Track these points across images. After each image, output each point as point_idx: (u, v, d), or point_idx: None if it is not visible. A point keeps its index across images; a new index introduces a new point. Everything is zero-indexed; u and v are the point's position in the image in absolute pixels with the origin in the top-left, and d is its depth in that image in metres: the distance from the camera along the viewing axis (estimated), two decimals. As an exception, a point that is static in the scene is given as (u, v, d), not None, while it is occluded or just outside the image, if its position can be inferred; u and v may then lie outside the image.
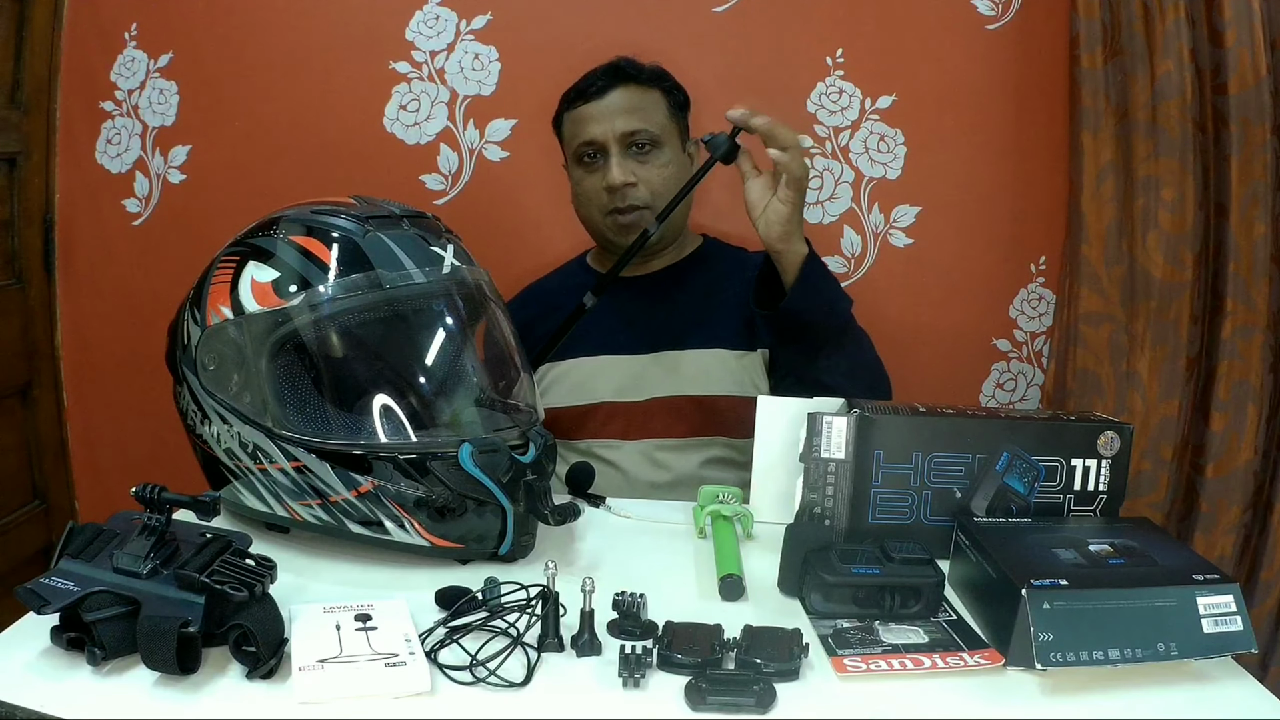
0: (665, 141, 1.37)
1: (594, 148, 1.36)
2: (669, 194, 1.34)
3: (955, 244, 1.72)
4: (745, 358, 1.35)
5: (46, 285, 1.74)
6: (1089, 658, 0.75)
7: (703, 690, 0.71)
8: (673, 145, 1.39)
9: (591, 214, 1.39)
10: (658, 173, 1.36)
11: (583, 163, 1.38)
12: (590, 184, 1.37)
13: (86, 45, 1.70)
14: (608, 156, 1.35)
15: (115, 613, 0.71)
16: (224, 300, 0.93)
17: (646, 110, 1.36)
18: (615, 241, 1.37)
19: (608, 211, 1.36)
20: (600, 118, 1.35)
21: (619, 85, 1.36)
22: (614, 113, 1.34)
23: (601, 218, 1.38)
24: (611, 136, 1.34)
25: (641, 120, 1.35)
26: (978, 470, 0.97)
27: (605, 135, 1.34)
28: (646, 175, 1.35)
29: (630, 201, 1.34)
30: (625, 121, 1.34)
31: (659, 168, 1.36)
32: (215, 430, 0.95)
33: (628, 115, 1.34)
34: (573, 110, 1.38)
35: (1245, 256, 1.53)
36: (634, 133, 1.34)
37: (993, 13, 1.65)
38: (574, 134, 1.38)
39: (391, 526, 0.91)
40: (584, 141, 1.36)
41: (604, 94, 1.36)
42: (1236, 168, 1.51)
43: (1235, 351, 1.55)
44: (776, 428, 1.06)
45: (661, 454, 1.33)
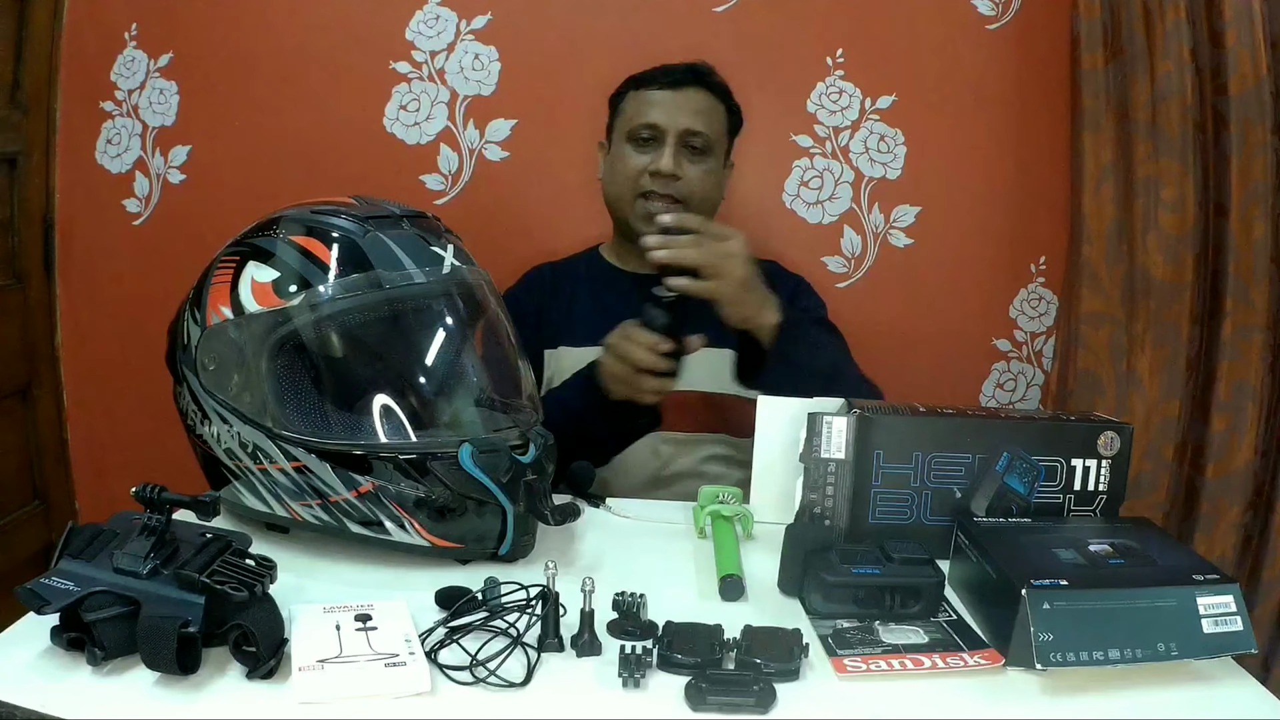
0: (715, 151, 1.41)
1: (654, 131, 1.38)
2: (704, 199, 1.40)
3: (955, 244, 1.72)
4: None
5: (46, 285, 1.74)
6: (1089, 658, 0.75)
7: (703, 690, 0.71)
8: (718, 157, 1.42)
9: (623, 193, 1.40)
10: (701, 177, 1.39)
11: (636, 141, 1.39)
12: (635, 163, 1.39)
13: (86, 45, 1.70)
14: (663, 144, 1.37)
15: (115, 613, 0.71)
16: (224, 300, 0.93)
17: (711, 116, 1.40)
18: (637, 228, 1.38)
19: (642, 193, 1.38)
20: (670, 106, 1.37)
21: (695, 85, 1.39)
22: (683, 107, 1.38)
23: (633, 199, 1.39)
24: (674, 127, 1.37)
25: (705, 124, 1.38)
26: (978, 470, 0.97)
27: (669, 124, 1.37)
28: (691, 174, 1.38)
29: (669, 191, 1.37)
30: (691, 119, 1.37)
31: (704, 172, 1.39)
32: (215, 430, 0.95)
33: (695, 114, 1.38)
34: (643, 91, 1.41)
35: (1245, 257, 1.53)
36: (696, 133, 1.37)
37: (993, 13, 1.65)
38: (637, 112, 1.40)
39: (391, 526, 0.91)
40: (647, 123, 1.38)
41: (679, 87, 1.38)
42: (1236, 168, 1.51)
43: (1235, 352, 1.55)
44: (776, 428, 1.06)
45: (665, 447, 1.34)
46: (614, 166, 1.43)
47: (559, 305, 1.45)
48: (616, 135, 1.44)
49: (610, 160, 1.45)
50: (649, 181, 1.38)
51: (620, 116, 1.44)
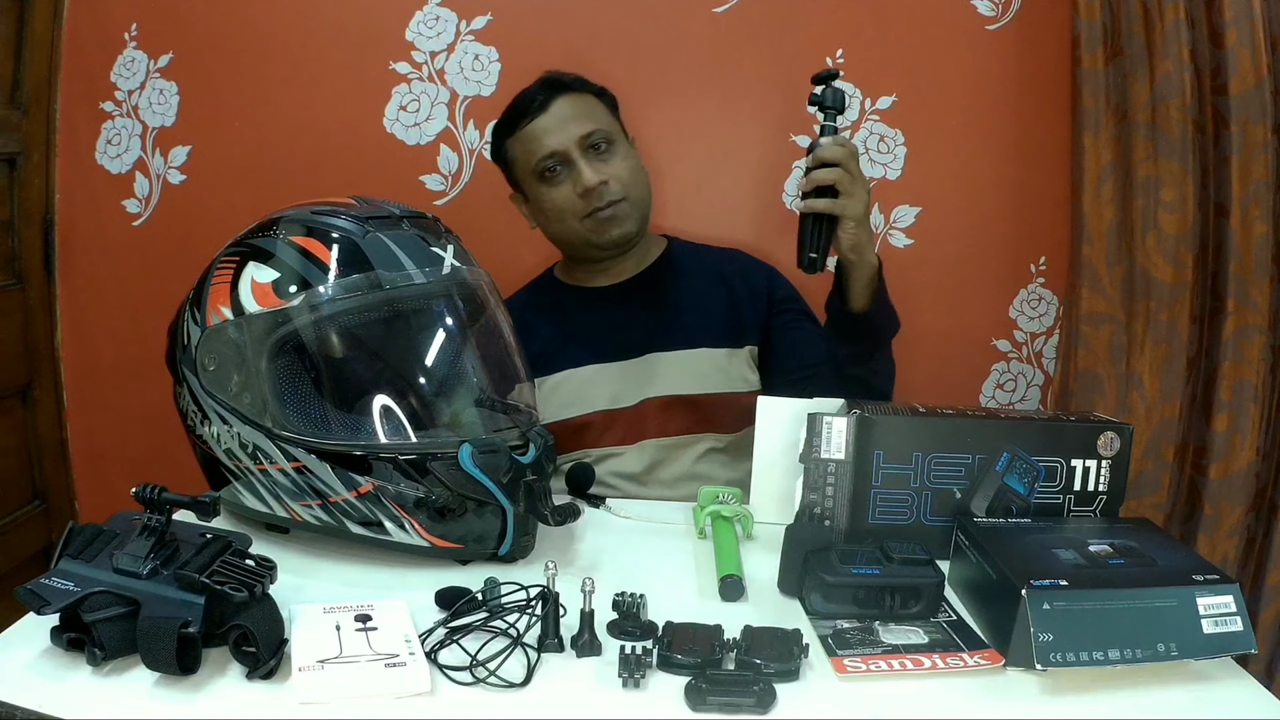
0: (616, 138, 1.38)
1: (556, 159, 1.35)
2: (637, 184, 1.38)
3: (955, 244, 1.72)
4: (734, 355, 1.37)
5: (46, 285, 1.74)
6: (1089, 658, 0.75)
7: (703, 690, 0.71)
8: (622, 140, 1.40)
9: (567, 225, 1.38)
10: (622, 166, 1.37)
11: (545, 178, 1.37)
12: (560, 195, 1.36)
13: (86, 45, 1.70)
14: (572, 164, 1.34)
15: (115, 613, 0.71)
16: (224, 301, 0.93)
17: (591, 113, 1.37)
18: (595, 245, 1.38)
19: (585, 215, 1.35)
20: (554, 129, 1.34)
21: (558, 96, 1.36)
22: (565, 121, 1.35)
23: (579, 224, 1.36)
24: (571, 143, 1.34)
25: (592, 122, 1.35)
26: (978, 470, 0.97)
27: (565, 144, 1.34)
28: (614, 171, 1.36)
29: (608, 198, 1.35)
30: (579, 126, 1.34)
31: (621, 160, 1.37)
32: (215, 431, 0.95)
33: (580, 121, 1.35)
34: (519, 132, 1.38)
35: (1246, 257, 1.53)
36: (590, 134, 1.34)
37: (993, 13, 1.65)
38: (530, 152, 1.36)
39: (391, 527, 0.91)
40: (544, 155, 1.35)
41: (547, 107, 1.35)
42: (1237, 168, 1.51)
43: (1237, 352, 1.55)
44: (776, 428, 1.06)
45: (659, 452, 1.34)
46: (543, 209, 1.39)
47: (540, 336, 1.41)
48: (525, 182, 1.41)
49: (534, 206, 1.42)
50: (583, 204, 1.35)
51: (515, 165, 1.41)
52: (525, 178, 1.40)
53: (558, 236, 1.42)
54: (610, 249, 1.39)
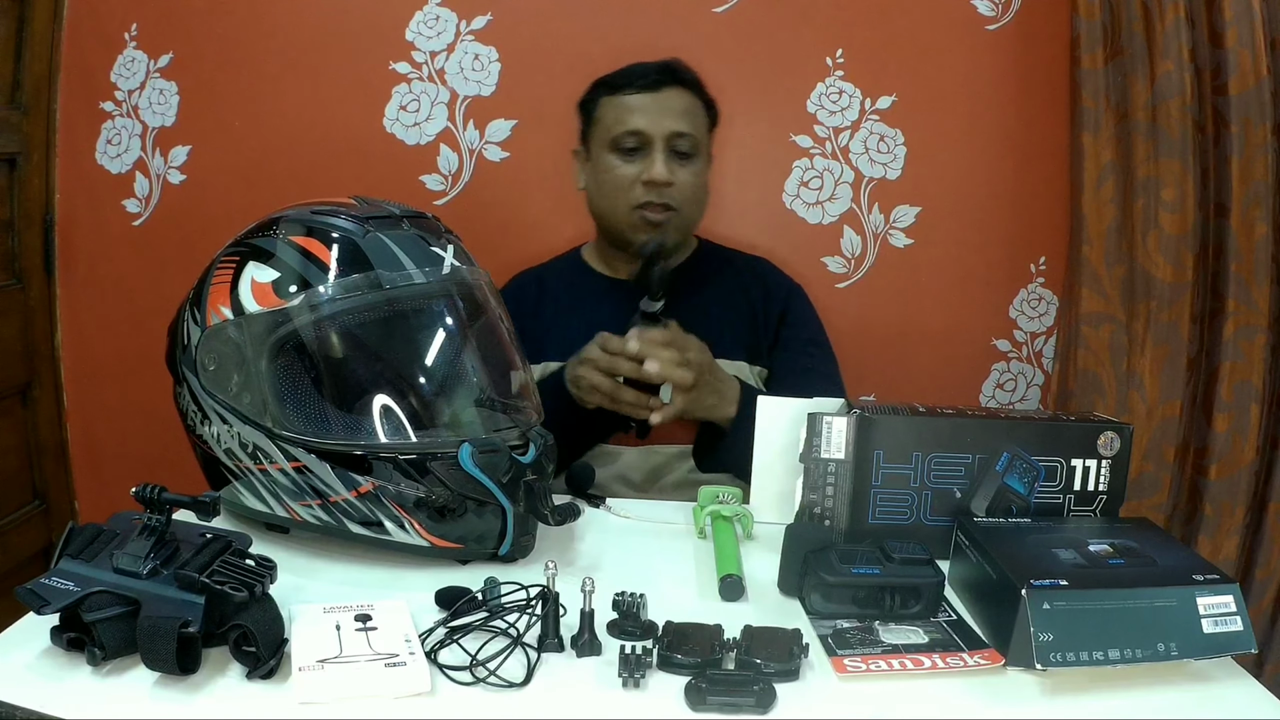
0: (700, 151, 1.36)
1: (640, 139, 1.32)
2: (695, 202, 1.37)
3: (955, 244, 1.72)
4: (750, 371, 1.36)
5: (46, 285, 1.74)
6: (1089, 658, 0.75)
7: (703, 690, 0.71)
8: (704, 157, 1.38)
9: (616, 205, 1.35)
10: (692, 180, 1.34)
11: (620, 150, 1.34)
12: (625, 174, 1.33)
13: (86, 45, 1.70)
14: (651, 151, 1.32)
15: (115, 613, 0.71)
16: (224, 300, 0.93)
17: (693, 116, 1.35)
18: (632, 239, 1.34)
19: (637, 205, 1.33)
20: (653, 111, 1.32)
21: (673, 85, 1.34)
22: (666, 110, 1.32)
23: (627, 211, 1.34)
24: (660, 132, 1.31)
25: (690, 125, 1.33)
26: (978, 470, 0.97)
27: (654, 129, 1.31)
28: (683, 179, 1.33)
29: (664, 199, 1.32)
30: (676, 121, 1.32)
31: (693, 175, 1.35)
32: (215, 430, 0.95)
33: (679, 116, 1.33)
34: (618, 96, 1.34)
35: (1246, 257, 1.53)
36: (682, 135, 1.32)
37: (993, 13, 1.65)
38: (617, 120, 1.33)
39: (391, 527, 0.91)
40: (630, 130, 1.32)
41: (658, 89, 1.33)
42: (1237, 168, 1.51)
43: (1237, 352, 1.55)
44: (776, 428, 1.06)
45: (661, 459, 1.32)
46: (600, 178, 1.37)
47: (543, 317, 1.40)
48: (596, 144, 1.38)
49: (594, 170, 1.38)
50: (642, 192, 1.32)
51: (597, 124, 1.38)
52: (600, 141, 1.37)
53: (601, 212, 1.39)
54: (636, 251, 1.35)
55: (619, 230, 1.37)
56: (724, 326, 1.37)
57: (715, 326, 1.37)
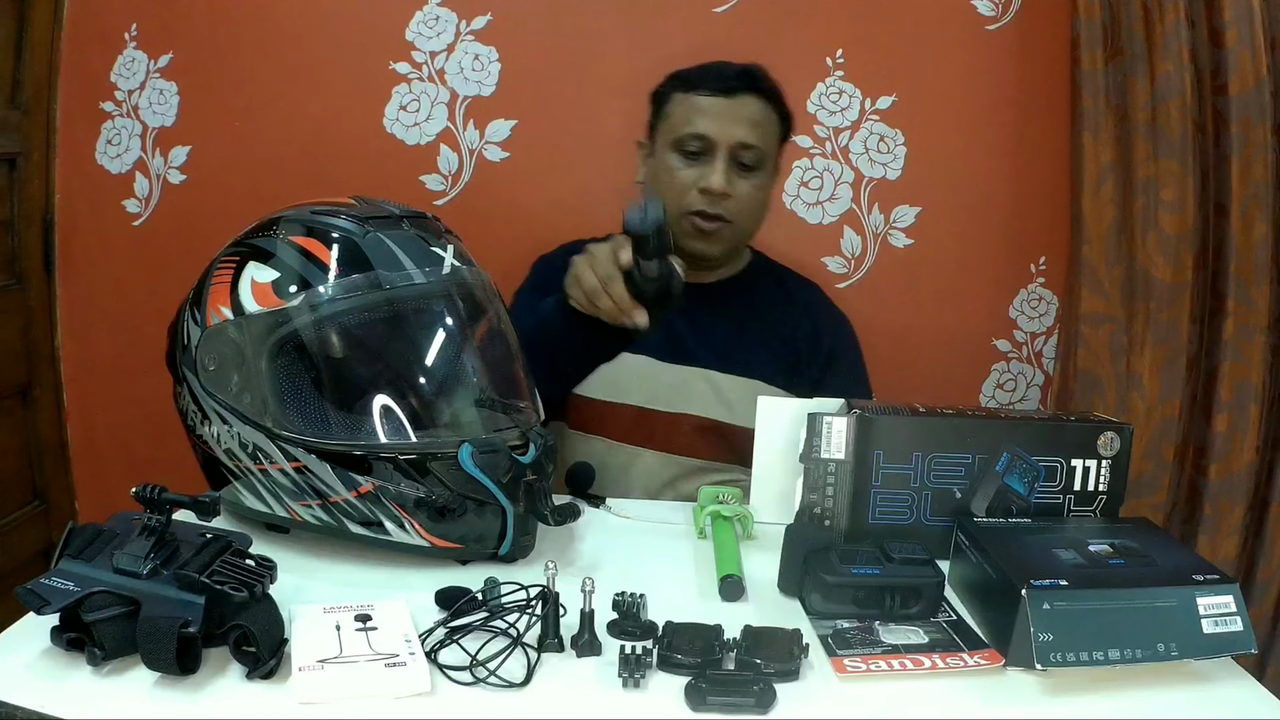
0: (766, 164, 1.33)
1: (704, 143, 1.29)
2: (751, 217, 1.34)
3: (955, 244, 1.72)
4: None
5: (46, 285, 1.74)
6: (1089, 658, 0.75)
7: (703, 690, 0.71)
8: (769, 171, 1.35)
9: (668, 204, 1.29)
10: (752, 194, 1.32)
11: (682, 152, 1.30)
12: (684, 177, 1.30)
13: (86, 45, 1.70)
14: (713, 158, 1.29)
15: (115, 613, 0.70)
16: (224, 301, 0.93)
17: (765, 128, 1.31)
18: (680, 243, 1.29)
19: (690, 211, 1.30)
20: (722, 116, 1.29)
21: (750, 92, 1.30)
22: (737, 118, 1.29)
23: (679, 215, 1.30)
24: (726, 140, 1.28)
25: (759, 136, 1.30)
26: (978, 470, 0.97)
27: (721, 136, 1.28)
28: (742, 191, 1.30)
29: (718, 210, 1.29)
30: (745, 131, 1.29)
31: (755, 189, 1.32)
32: (215, 431, 0.95)
33: (749, 126, 1.29)
34: (692, 95, 1.31)
35: (1246, 257, 1.53)
36: (749, 146, 1.29)
37: (993, 13, 1.65)
38: (686, 120, 1.30)
39: (391, 527, 0.91)
40: (696, 134, 1.29)
41: (733, 94, 1.29)
42: (1237, 168, 1.51)
43: (1237, 352, 1.55)
44: (776, 428, 1.06)
45: (676, 470, 1.31)
46: (658, 176, 1.33)
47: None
48: (661, 140, 1.34)
49: (653, 167, 1.35)
50: (697, 199, 1.29)
51: (665, 120, 1.34)
52: (665, 138, 1.33)
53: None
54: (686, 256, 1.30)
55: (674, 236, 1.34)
56: (765, 349, 1.35)
57: (756, 346, 1.35)
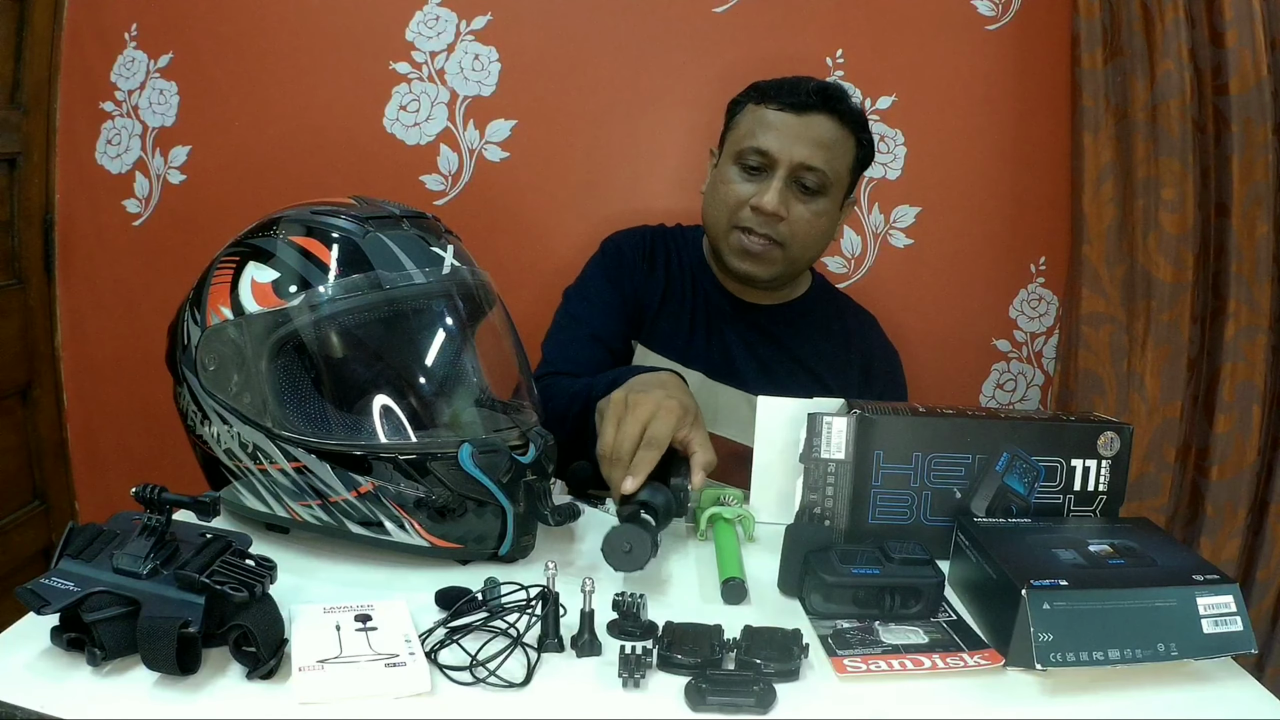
0: (831, 191, 1.27)
1: (764, 159, 1.25)
2: (808, 244, 1.28)
3: (955, 244, 1.72)
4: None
5: (46, 285, 1.74)
6: (1089, 658, 0.75)
7: (703, 690, 0.71)
8: (834, 199, 1.28)
9: (719, 219, 1.28)
10: (810, 220, 1.26)
11: (743, 165, 1.27)
12: (739, 190, 1.26)
13: (86, 45, 1.70)
14: (772, 175, 1.24)
15: (115, 613, 0.70)
16: (224, 301, 0.93)
17: (834, 151, 1.25)
18: (729, 261, 1.28)
19: (739, 226, 1.26)
20: (789, 134, 1.23)
21: (824, 112, 1.24)
22: (803, 136, 1.23)
23: (728, 229, 1.27)
24: (787, 160, 1.23)
25: (824, 159, 1.24)
26: (978, 470, 0.97)
27: (782, 154, 1.23)
28: (798, 215, 1.25)
29: (767, 231, 1.25)
30: (809, 152, 1.23)
31: (814, 215, 1.26)
32: (215, 431, 0.95)
33: (815, 147, 1.23)
34: (764, 108, 1.26)
35: (1248, 257, 1.53)
36: (811, 169, 1.24)
37: (993, 13, 1.65)
38: (751, 132, 1.26)
39: (391, 527, 0.91)
40: (757, 148, 1.24)
41: (804, 111, 1.24)
42: (1238, 168, 1.51)
43: (1239, 352, 1.55)
44: (776, 428, 1.06)
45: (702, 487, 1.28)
46: (716, 187, 1.30)
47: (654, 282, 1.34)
48: (726, 150, 1.30)
49: (714, 177, 1.31)
50: (748, 216, 1.24)
51: (733, 130, 1.30)
52: (730, 148, 1.30)
53: (707, 220, 1.33)
54: (734, 274, 1.31)
55: (717, 244, 1.31)
56: (813, 378, 1.33)
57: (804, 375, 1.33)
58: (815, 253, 1.32)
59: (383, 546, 0.92)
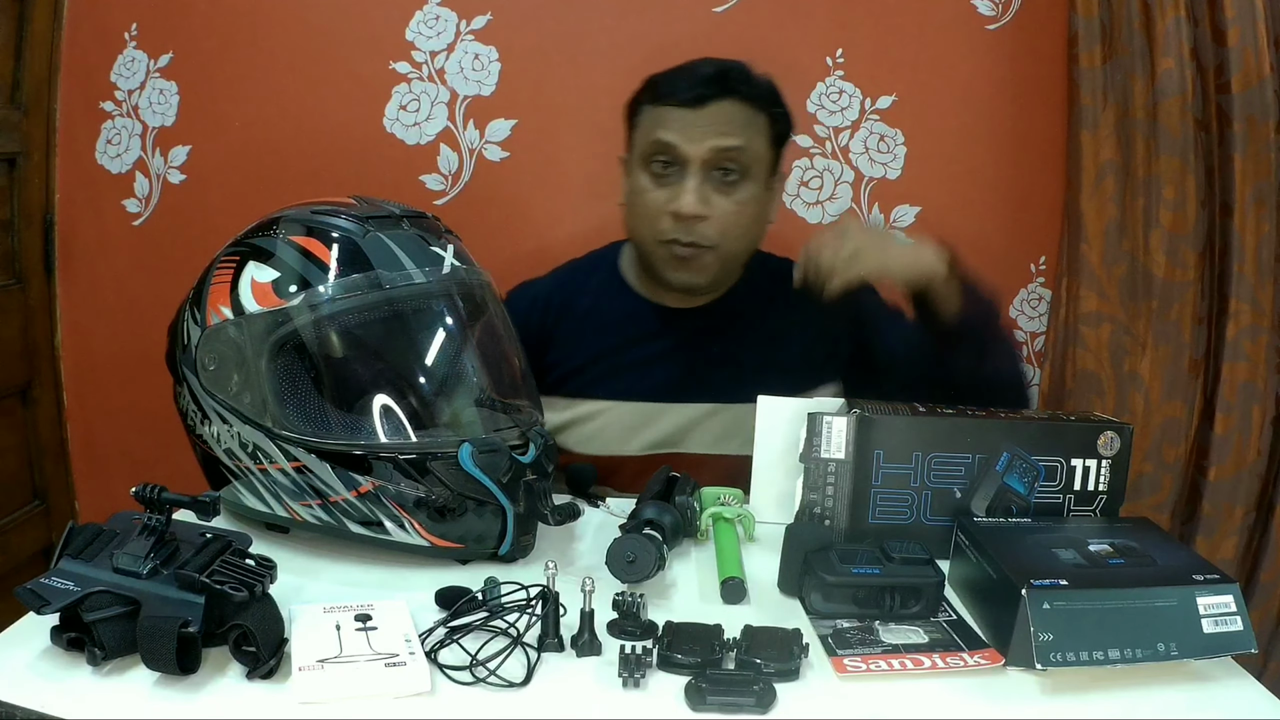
0: (753, 174, 1.18)
1: (673, 159, 1.16)
2: (741, 236, 1.19)
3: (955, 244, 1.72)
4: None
5: (46, 285, 1.74)
6: (1089, 658, 0.75)
7: (703, 690, 0.71)
8: (759, 181, 1.19)
9: (643, 233, 1.20)
10: (735, 209, 1.17)
11: (652, 169, 1.17)
12: (654, 199, 1.17)
13: (86, 45, 1.70)
14: (685, 175, 1.15)
15: (115, 613, 0.71)
16: (224, 300, 0.93)
17: (746, 134, 1.16)
18: (664, 275, 1.20)
19: (664, 240, 1.17)
20: (690, 130, 1.14)
21: (724, 97, 1.15)
22: (709, 128, 1.14)
23: (654, 244, 1.18)
24: (696, 156, 1.14)
25: (740, 142, 1.15)
26: (978, 470, 0.97)
27: (689, 152, 1.14)
28: (723, 209, 1.16)
29: (694, 238, 1.16)
30: (719, 141, 1.14)
31: (738, 204, 1.17)
32: (215, 430, 0.95)
33: (722, 136, 1.14)
34: (660, 106, 1.17)
35: (1250, 257, 1.53)
36: (723, 158, 1.15)
37: (993, 13, 1.65)
38: (653, 134, 1.17)
39: (391, 526, 0.91)
40: (663, 147, 1.16)
41: (703, 104, 1.15)
42: (1241, 166, 1.51)
43: (1241, 353, 1.55)
44: (776, 428, 1.06)
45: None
46: (632, 199, 1.21)
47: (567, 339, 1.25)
48: (634, 157, 1.21)
49: (629, 187, 1.22)
50: (671, 227, 1.16)
51: (636, 133, 1.21)
52: (636, 153, 1.21)
53: (631, 235, 1.25)
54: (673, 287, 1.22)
55: (650, 262, 1.22)
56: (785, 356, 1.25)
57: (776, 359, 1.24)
58: (751, 243, 1.23)
59: (383, 546, 0.92)
